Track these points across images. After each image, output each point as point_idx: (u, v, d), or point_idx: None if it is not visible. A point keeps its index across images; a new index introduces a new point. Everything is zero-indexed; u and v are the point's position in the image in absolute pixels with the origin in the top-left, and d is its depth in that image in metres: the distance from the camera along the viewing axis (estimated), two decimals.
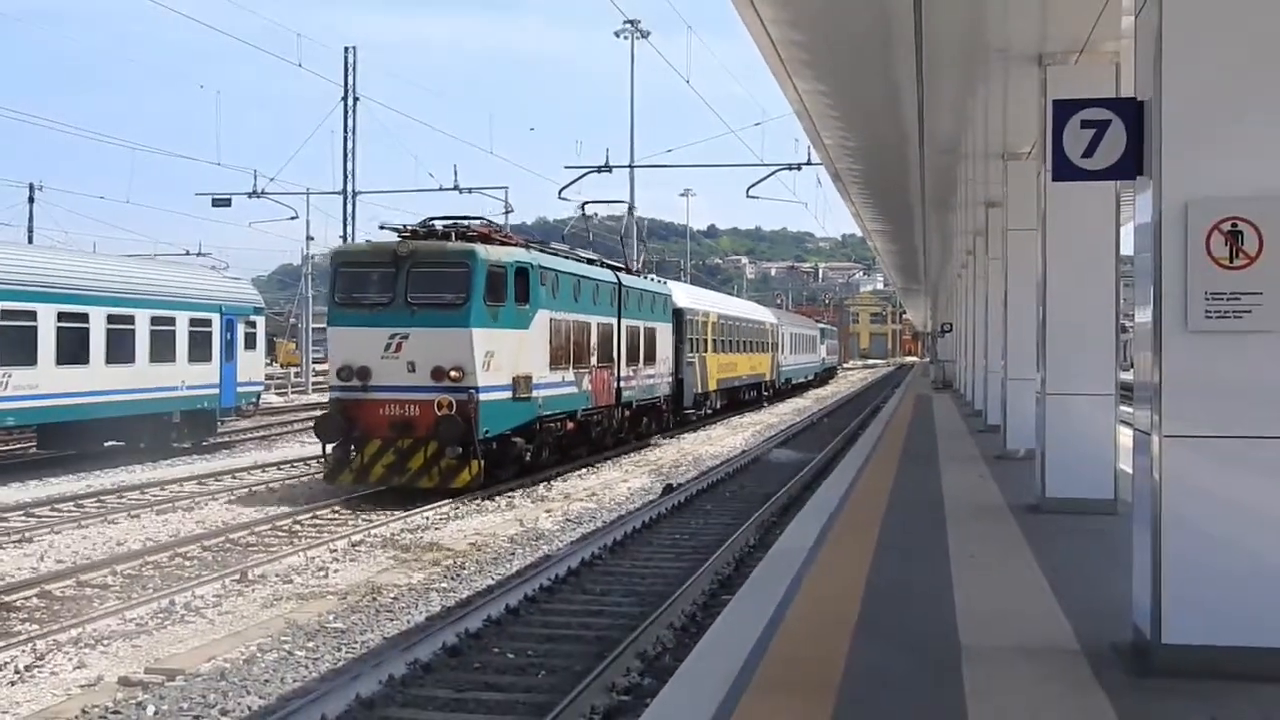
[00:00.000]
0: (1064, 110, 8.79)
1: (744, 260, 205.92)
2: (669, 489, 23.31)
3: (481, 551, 17.00)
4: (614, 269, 32.23)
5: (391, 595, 14.06)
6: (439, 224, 24.33)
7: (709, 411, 44.46)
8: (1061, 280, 14.18)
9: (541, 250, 26.01)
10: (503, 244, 24.03)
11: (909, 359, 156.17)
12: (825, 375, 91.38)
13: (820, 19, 13.54)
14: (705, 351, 42.67)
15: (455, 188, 53.35)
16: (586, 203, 38.78)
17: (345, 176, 56.41)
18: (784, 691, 7.15)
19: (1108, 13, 12.31)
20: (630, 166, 55.99)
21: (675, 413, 38.56)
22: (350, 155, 55.98)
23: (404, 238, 23.30)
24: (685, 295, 41.99)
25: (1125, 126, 8.04)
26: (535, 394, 23.96)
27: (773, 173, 48.25)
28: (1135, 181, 7.90)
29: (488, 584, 14.86)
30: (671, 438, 36.78)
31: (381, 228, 24.37)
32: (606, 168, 50.03)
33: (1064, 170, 8.84)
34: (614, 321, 30.45)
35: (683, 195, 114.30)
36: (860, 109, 18.95)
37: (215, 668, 10.87)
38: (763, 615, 8.99)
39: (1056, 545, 12.23)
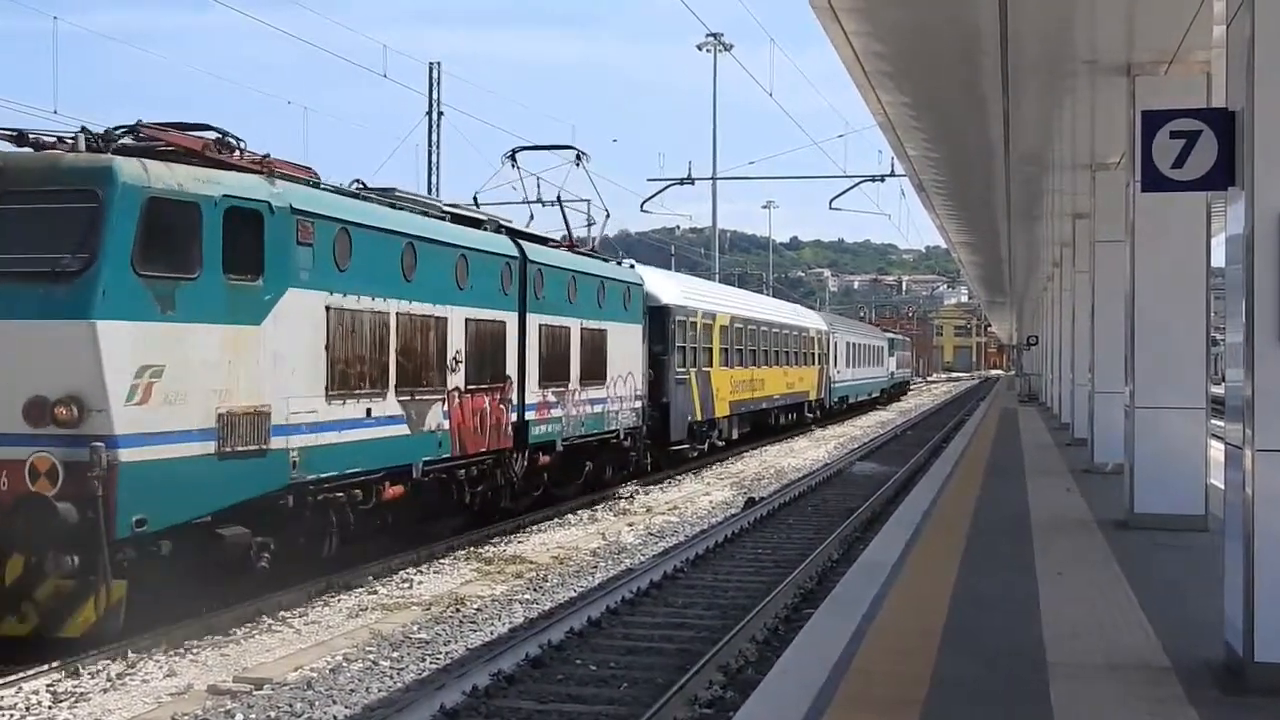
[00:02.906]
0: (1153, 121, 8.72)
1: (826, 273, 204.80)
2: (751, 502, 23.25)
3: (564, 564, 17.05)
4: (517, 236, 20.74)
5: (475, 606, 14.14)
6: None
7: (720, 443, 34.26)
8: (1151, 292, 14.02)
9: (322, 187, 15.16)
10: (218, 166, 13.25)
11: (994, 372, 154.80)
12: (895, 392, 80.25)
13: (904, 31, 13.49)
14: (710, 365, 32.43)
15: (538, 200, 53.61)
16: (519, 147, 25.29)
17: (429, 189, 57.00)
18: (868, 706, 7.11)
19: (1198, 23, 12.17)
20: (713, 179, 56.10)
21: (659, 449, 28.29)
22: (435, 169, 56.55)
23: None
24: (673, 288, 30.94)
25: (1216, 137, 7.96)
26: (283, 443, 13.51)
27: (856, 184, 48.05)
28: (1226, 192, 7.81)
29: (570, 596, 14.89)
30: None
31: None
32: (689, 180, 50.14)
33: (1153, 181, 8.76)
34: (510, 317, 19.61)
35: (764, 207, 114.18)
36: (945, 120, 18.85)
37: (302, 677, 10.98)
38: (847, 629, 8.95)
39: (1146, 561, 12.07)
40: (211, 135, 13.83)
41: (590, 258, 24.61)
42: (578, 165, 26.20)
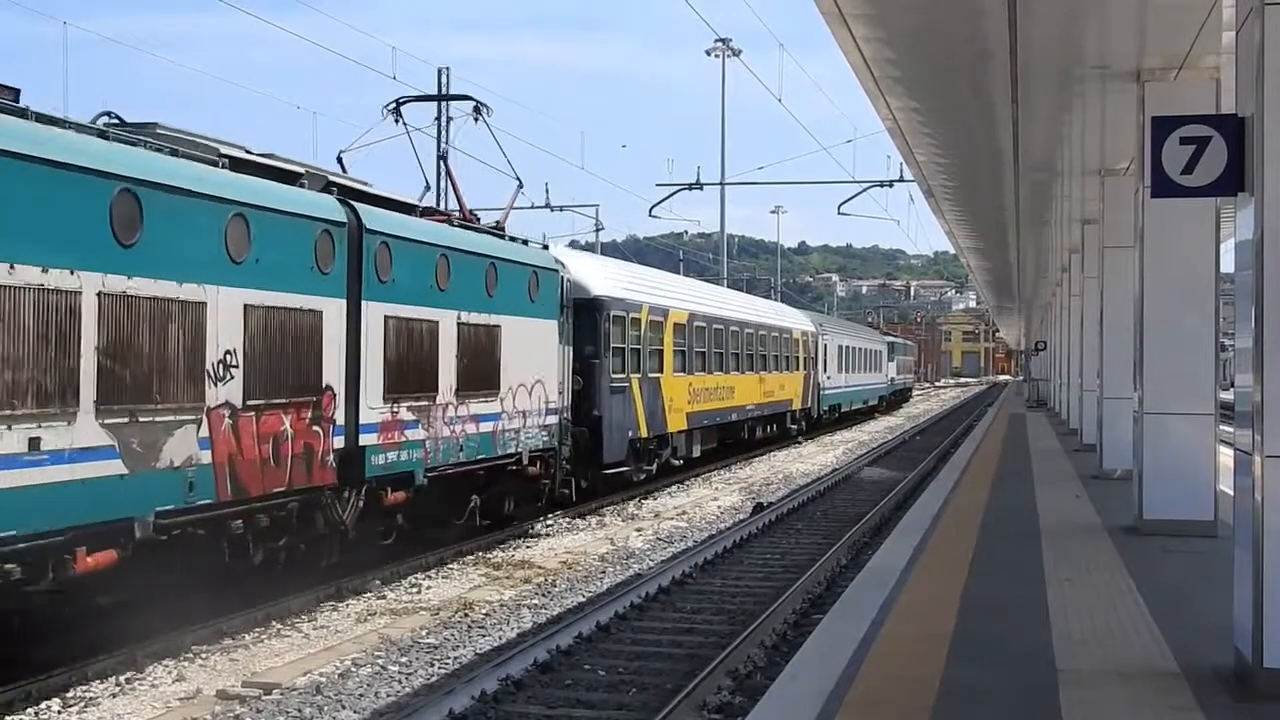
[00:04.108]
0: (1163, 127, 8.71)
1: (835, 278, 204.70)
2: (759, 508, 23.24)
3: (572, 569, 17.05)
4: (353, 197, 15.15)
5: (483, 611, 14.15)
6: None
7: (677, 462, 28.92)
8: (1160, 298, 14.00)
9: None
10: None
11: (1002, 377, 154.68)
12: (895, 399, 75.09)
13: (914, 37, 13.48)
14: (661, 370, 27.17)
15: (546, 205, 53.69)
16: (403, 98, 19.91)
17: (438, 195, 57.06)
18: (877, 712, 7.11)
19: (1208, 28, 12.16)
20: (721, 184, 56.13)
21: (591, 472, 23.35)
22: (445, 175, 56.50)
23: None
24: (608, 277, 25.39)
25: (1226, 143, 7.96)
26: None
27: (864, 189, 48.23)
28: (1236, 198, 7.80)
29: (579, 601, 14.89)
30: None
31: None
32: (698, 185, 50.28)
33: (1163, 187, 8.76)
34: (331, 305, 14.17)
35: (773, 212, 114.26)
36: (954, 126, 18.83)
37: (311, 682, 11.00)
38: (855, 634, 8.94)
39: (1155, 567, 12.06)
40: None
41: (484, 234, 19.00)
42: (476, 120, 21.01)
